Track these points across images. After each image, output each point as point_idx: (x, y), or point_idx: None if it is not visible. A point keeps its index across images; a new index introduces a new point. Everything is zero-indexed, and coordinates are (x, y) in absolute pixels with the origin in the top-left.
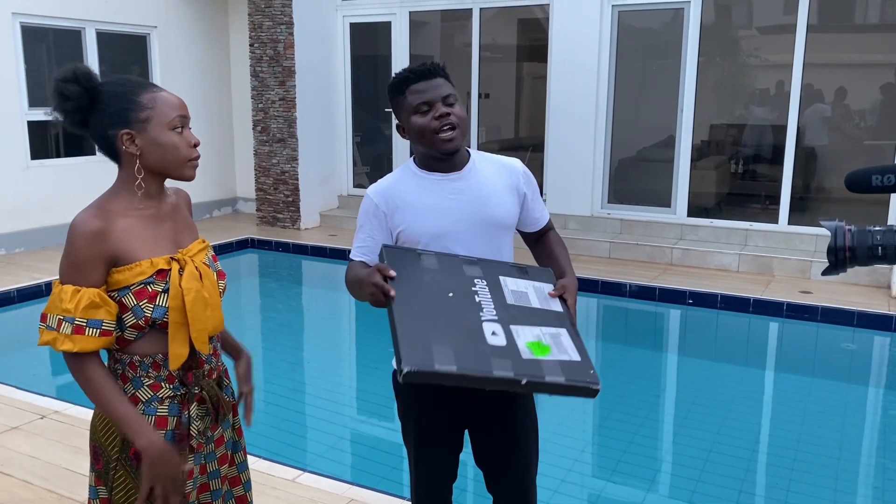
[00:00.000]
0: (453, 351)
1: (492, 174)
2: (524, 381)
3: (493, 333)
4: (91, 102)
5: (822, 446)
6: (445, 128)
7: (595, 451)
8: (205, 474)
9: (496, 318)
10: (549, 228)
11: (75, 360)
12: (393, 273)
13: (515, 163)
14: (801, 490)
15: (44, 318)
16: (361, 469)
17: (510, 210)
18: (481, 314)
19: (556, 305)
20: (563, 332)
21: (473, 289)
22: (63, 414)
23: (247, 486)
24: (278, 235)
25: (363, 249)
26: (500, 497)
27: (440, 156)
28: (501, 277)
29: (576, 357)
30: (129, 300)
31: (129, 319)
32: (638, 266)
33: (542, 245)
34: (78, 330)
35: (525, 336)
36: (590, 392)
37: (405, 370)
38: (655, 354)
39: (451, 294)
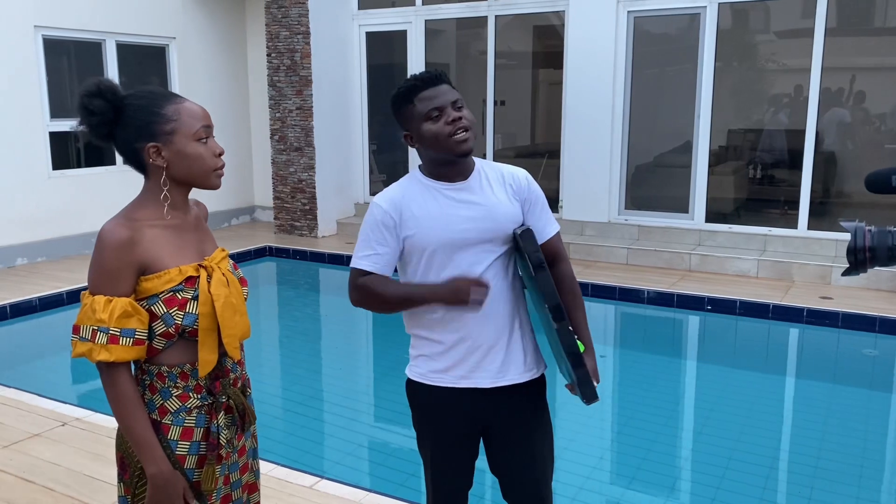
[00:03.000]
0: None
1: (496, 183)
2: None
3: None
4: (116, 116)
5: (844, 454)
6: (459, 131)
7: (614, 458)
8: (228, 485)
9: None
10: (560, 257)
11: (108, 371)
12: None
13: (519, 171)
14: (823, 498)
15: (76, 329)
16: (379, 476)
17: (516, 220)
18: None
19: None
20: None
21: None
22: (84, 421)
23: (259, 493)
24: (296, 243)
25: (374, 259)
26: None
27: (454, 158)
28: None
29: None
30: (159, 308)
31: (159, 328)
32: (656, 272)
33: (557, 286)
34: (113, 339)
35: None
36: (587, 396)
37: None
38: (674, 361)
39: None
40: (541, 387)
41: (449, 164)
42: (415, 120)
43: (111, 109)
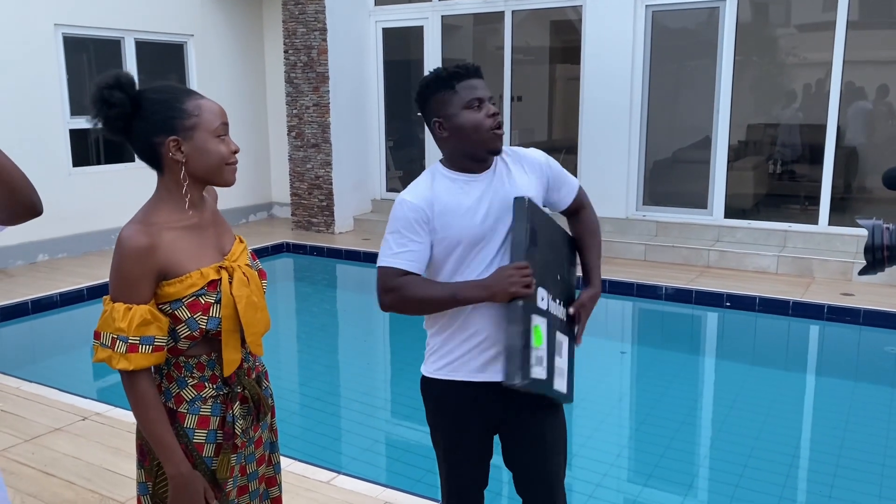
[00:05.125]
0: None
1: (517, 169)
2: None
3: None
4: (134, 109)
5: (865, 452)
6: (497, 127)
7: (631, 456)
8: (244, 475)
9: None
10: (581, 205)
11: (129, 377)
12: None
13: (533, 153)
14: (844, 497)
15: (97, 335)
16: (396, 472)
17: (538, 198)
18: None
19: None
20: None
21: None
22: (104, 416)
23: (280, 486)
24: (313, 240)
25: (408, 255)
26: (529, 500)
27: (485, 154)
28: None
29: (542, 375)
30: (183, 313)
31: (184, 331)
32: (674, 268)
33: (575, 226)
34: (132, 348)
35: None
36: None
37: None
38: (692, 358)
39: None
40: None
41: (477, 158)
42: (453, 106)
43: (129, 102)
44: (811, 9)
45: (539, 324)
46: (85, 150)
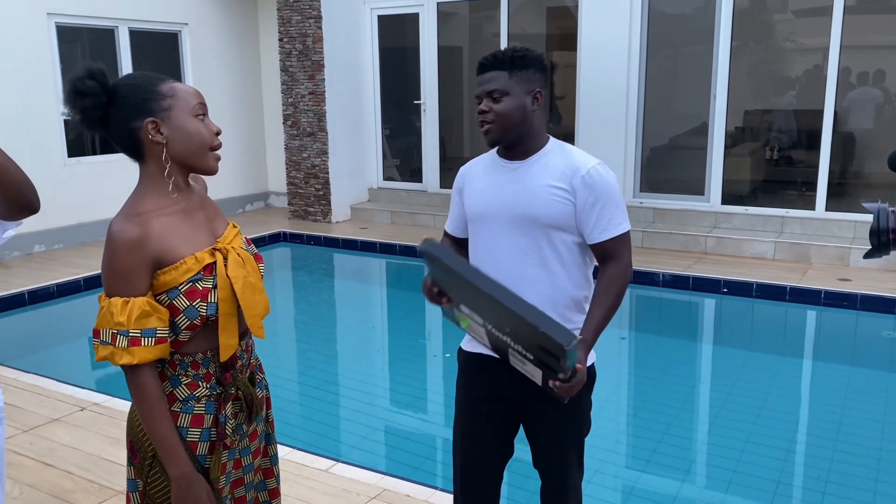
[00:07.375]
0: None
1: (552, 169)
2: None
3: None
4: (109, 99)
5: (862, 437)
6: (483, 123)
7: (629, 442)
8: (239, 469)
9: None
10: (608, 257)
11: (133, 372)
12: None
13: (584, 162)
14: (841, 481)
15: (97, 333)
16: (394, 459)
17: (550, 210)
18: None
19: None
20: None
21: None
22: (102, 406)
23: (278, 478)
24: (310, 229)
25: (449, 221)
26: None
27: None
28: None
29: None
30: (181, 302)
31: (183, 322)
32: (671, 255)
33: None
34: (134, 342)
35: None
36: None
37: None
38: (690, 344)
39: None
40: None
41: (502, 146)
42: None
43: (103, 91)
44: None
45: (467, 317)
46: (80, 141)
